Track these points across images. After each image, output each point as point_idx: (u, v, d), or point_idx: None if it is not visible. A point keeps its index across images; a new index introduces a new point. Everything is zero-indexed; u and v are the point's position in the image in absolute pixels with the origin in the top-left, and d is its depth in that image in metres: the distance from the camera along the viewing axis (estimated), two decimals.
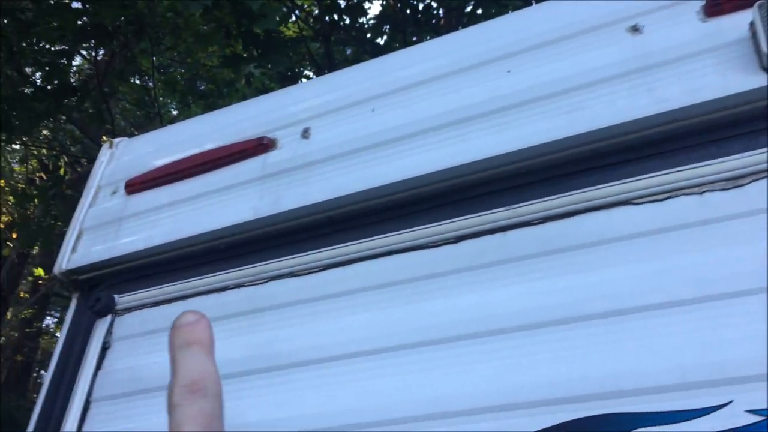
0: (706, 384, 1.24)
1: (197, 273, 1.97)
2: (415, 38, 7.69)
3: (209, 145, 2.13)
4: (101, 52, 7.12)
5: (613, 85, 1.61)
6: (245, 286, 1.89)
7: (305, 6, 7.98)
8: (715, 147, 1.47)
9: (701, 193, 1.45)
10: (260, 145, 2.02)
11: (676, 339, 1.31)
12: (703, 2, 1.59)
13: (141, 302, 2.01)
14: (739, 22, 1.53)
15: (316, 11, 7.01)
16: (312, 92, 2.10)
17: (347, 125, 1.94)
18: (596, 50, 1.68)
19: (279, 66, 4.97)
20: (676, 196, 1.47)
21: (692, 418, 1.22)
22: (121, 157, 2.34)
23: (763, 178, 1.40)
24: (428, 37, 7.43)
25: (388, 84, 1.92)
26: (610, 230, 1.51)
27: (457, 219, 1.68)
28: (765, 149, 1.42)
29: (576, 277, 1.49)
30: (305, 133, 1.99)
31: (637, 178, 1.52)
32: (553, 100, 1.66)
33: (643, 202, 1.50)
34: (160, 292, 1.99)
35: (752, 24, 1.48)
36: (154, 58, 6.21)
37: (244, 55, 5.11)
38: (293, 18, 6.41)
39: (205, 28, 5.76)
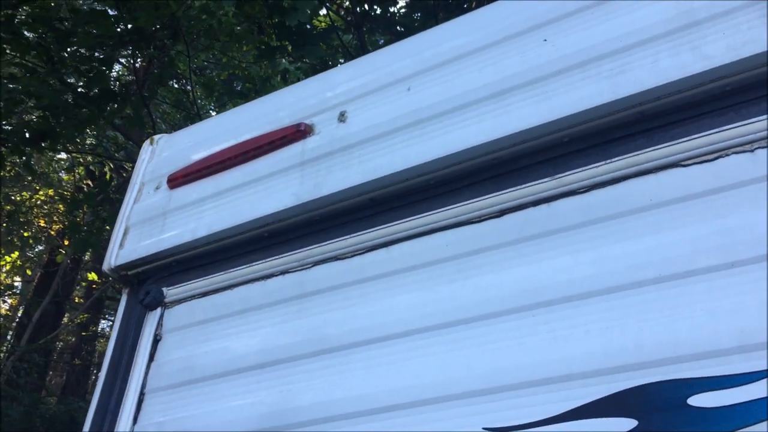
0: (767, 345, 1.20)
1: (243, 262, 1.98)
2: None
3: (247, 136, 2.14)
4: (139, 57, 7.25)
5: (656, 45, 1.56)
6: (291, 272, 1.89)
7: None
8: (765, 102, 1.41)
9: (753, 150, 1.39)
10: (298, 132, 2.02)
11: (734, 300, 1.27)
12: None
13: (189, 293, 2.04)
14: None
15: (347, 3, 7.01)
16: (346, 76, 2.09)
17: (383, 106, 1.92)
18: (636, 11, 1.63)
19: (312, 57, 4.98)
20: (727, 155, 1.42)
21: (752, 381, 1.18)
22: (162, 153, 2.37)
23: None
24: None
25: (422, 62, 1.90)
26: (660, 194, 1.46)
27: (499, 192, 1.65)
28: None
29: (626, 245, 1.45)
30: (342, 117, 1.98)
31: (685, 138, 1.47)
32: (594, 66, 1.62)
33: (693, 164, 1.45)
34: (208, 283, 2.01)
35: None
36: (189, 59, 6.27)
37: (278, 46, 5.13)
38: (324, 11, 6.42)
39: (239, 27, 5.80)
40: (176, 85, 10.15)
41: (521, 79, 1.71)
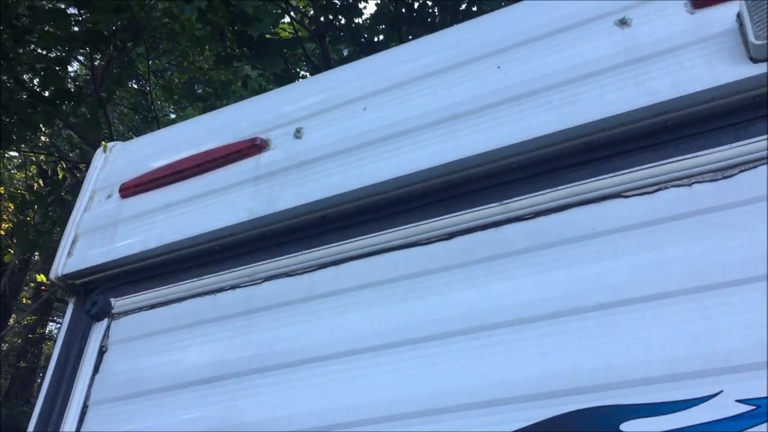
0: (696, 374, 1.25)
1: (193, 275, 1.97)
2: (411, 37, 7.69)
3: (203, 147, 2.13)
4: (98, 57, 7.12)
5: (603, 78, 1.61)
6: (241, 287, 1.89)
7: (301, 7, 7.98)
8: (704, 138, 1.47)
9: (690, 184, 1.45)
10: (253, 146, 2.03)
11: (667, 330, 1.32)
12: None
13: (137, 305, 2.02)
14: (726, 13, 1.53)
15: (312, 12, 7.01)
16: (304, 92, 2.10)
17: (339, 124, 1.94)
18: (586, 44, 1.68)
19: (272, 67, 4.98)
20: (666, 188, 1.48)
21: (681, 410, 1.22)
22: (116, 161, 2.35)
23: (752, 168, 1.40)
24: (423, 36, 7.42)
25: (378, 82, 1.93)
26: (602, 223, 1.51)
27: (449, 215, 1.68)
28: (754, 139, 1.42)
29: (568, 271, 1.49)
30: (298, 133, 2.00)
31: (628, 170, 1.53)
32: (544, 95, 1.66)
33: (634, 195, 1.50)
34: (157, 295, 2.00)
35: (739, 15, 1.48)
36: (150, 62, 6.19)
37: (237, 53, 5.11)
38: (287, 19, 6.41)
39: (201, 31, 5.75)
40: (135, 86, 10.01)
41: (474, 104, 1.75)
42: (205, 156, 2.08)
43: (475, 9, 7.39)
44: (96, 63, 7.28)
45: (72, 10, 5.79)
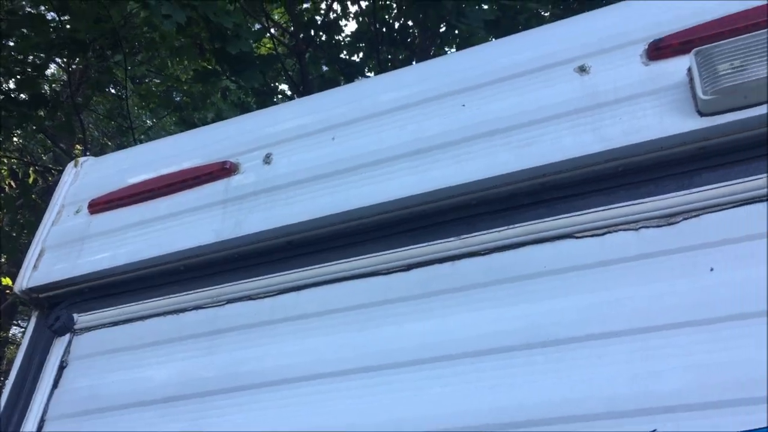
0: (633, 413, 1.31)
1: (157, 294, 2.00)
2: (389, 57, 7.78)
3: (173, 168, 2.16)
4: (76, 61, 7.10)
5: (561, 122, 1.68)
6: (204, 307, 1.93)
7: (283, 22, 8.04)
8: (652, 185, 1.55)
9: (638, 229, 1.52)
10: (223, 169, 2.06)
11: (610, 369, 1.38)
12: (647, 46, 1.67)
13: (100, 321, 2.04)
14: (678, 66, 1.61)
15: (292, 28, 7.07)
16: (275, 118, 2.15)
17: (308, 152, 1.99)
18: (546, 88, 1.75)
19: (250, 83, 5.02)
20: (615, 231, 1.54)
21: None
22: (86, 176, 2.37)
23: (695, 216, 1.48)
24: (401, 56, 7.51)
25: (348, 113, 1.98)
26: (554, 262, 1.58)
27: (409, 247, 1.74)
28: (698, 189, 1.49)
29: (520, 307, 1.55)
30: (267, 159, 2.04)
31: (580, 212, 1.59)
32: (504, 135, 1.73)
33: (585, 236, 1.57)
34: (120, 312, 2.02)
35: (689, 69, 1.56)
36: (128, 69, 6.18)
37: (216, 69, 5.14)
38: (268, 34, 6.46)
39: (181, 42, 5.77)
40: (113, 91, 9.96)
41: (438, 140, 1.81)
42: (175, 177, 2.12)
43: (456, 32, 7.51)
44: (73, 68, 7.26)
45: (51, 15, 5.78)
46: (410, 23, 7.88)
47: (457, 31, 7.40)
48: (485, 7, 5.87)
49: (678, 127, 1.54)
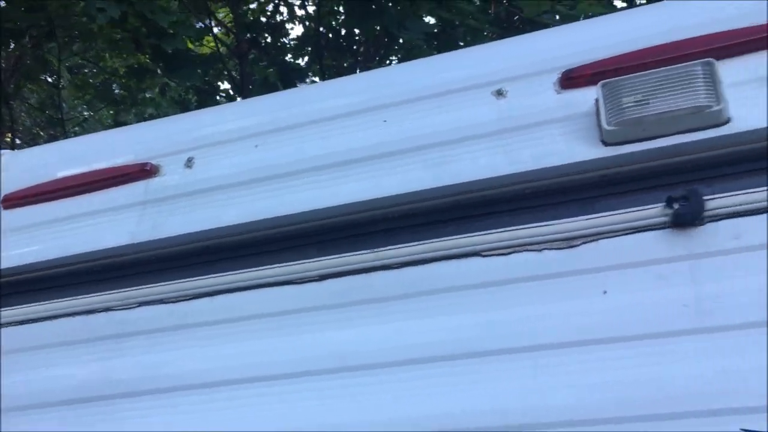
0: (526, 426, 1.37)
1: (66, 294, 1.97)
2: (334, 63, 7.81)
3: (93, 166, 2.13)
4: (10, 48, 6.88)
5: (476, 143, 1.73)
6: (114, 309, 1.90)
7: (227, 22, 7.97)
8: (556, 209, 1.61)
9: (541, 250, 1.58)
10: (143, 171, 2.04)
11: (502, 384, 1.43)
12: (560, 75, 1.74)
13: (6, 320, 1.99)
14: (588, 96, 1.68)
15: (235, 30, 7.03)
16: (198, 123, 2.14)
17: (230, 158, 1.99)
18: (465, 110, 1.80)
19: (187, 81, 4.97)
20: (520, 251, 1.60)
21: None
22: (4, 170, 2.31)
23: (593, 240, 1.55)
24: (346, 64, 7.56)
25: (271, 123, 1.99)
26: (462, 279, 1.63)
27: (322, 258, 1.76)
28: (598, 215, 1.57)
29: (426, 322, 1.60)
30: (189, 163, 2.03)
31: (488, 231, 1.65)
32: (422, 153, 1.77)
33: (491, 255, 1.62)
34: (27, 311, 1.98)
35: (596, 100, 1.64)
36: (62, 59, 6.03)
37: (151, 66, 5.08)
38: (210, 34, 6.41)
39: (118, 36, 5.66)
40: (49, 79, 9.68)
41: (359, 154, 1.84)
42: (93, 175, 2.08)
43: (401, 41, 7.59)
44: (4, 55, 7.02)
45: None
46: (356, 30, 7.95)
47: (401, 40, 7.49)
48: (428, 19, 5.98)
49: (583, 155, 1.61)
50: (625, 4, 5.90)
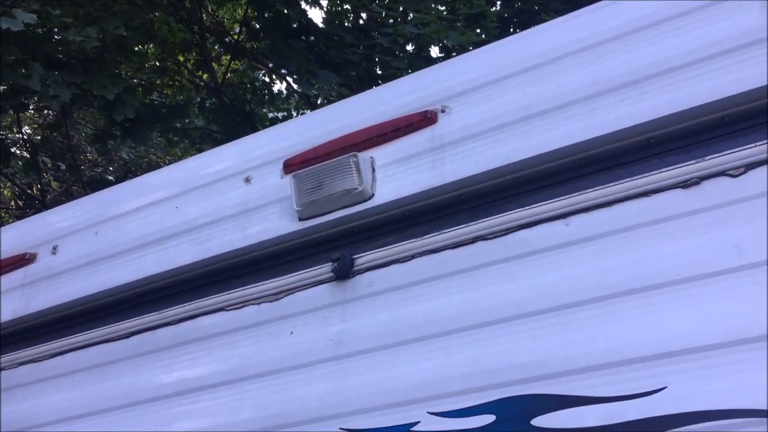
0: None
1: None
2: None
3: None
4: None
5: (228, 222, 2.31)
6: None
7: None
8: (267, 272, 2.19)
9: (259, 303, 2.16)
10: (23, 260, 2.72)
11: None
12: (282, 163, 2.30)
13: None
14: None
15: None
16: (63, 215, 2.80)
17: (80, 244, 2.64)
18: (224, 194, 2.38)
19: (141, 143, 5.63)
20: (257, 304, 2.19)
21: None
22: None
23: (289, 294, 2.12)
24: None
25: (114, 209, 2.62)
26: (209, 330, 2.23)
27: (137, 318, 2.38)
28: (293, 274, 2.14)
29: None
30: (54, 250, 2.69)
31: (229, 291, 2.24)
32: (193, 233, 2.37)
33: (232, 308, 2.22)
34: None
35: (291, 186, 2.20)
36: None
37: (110, 133, 5.77)
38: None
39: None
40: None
41: (157, 235, 2.45)
42: None
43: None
44: None
45: None
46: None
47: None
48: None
49: (287, 228, 2.17)
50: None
